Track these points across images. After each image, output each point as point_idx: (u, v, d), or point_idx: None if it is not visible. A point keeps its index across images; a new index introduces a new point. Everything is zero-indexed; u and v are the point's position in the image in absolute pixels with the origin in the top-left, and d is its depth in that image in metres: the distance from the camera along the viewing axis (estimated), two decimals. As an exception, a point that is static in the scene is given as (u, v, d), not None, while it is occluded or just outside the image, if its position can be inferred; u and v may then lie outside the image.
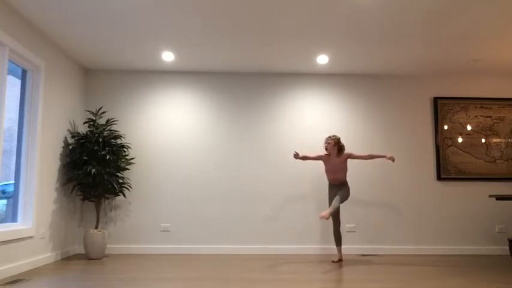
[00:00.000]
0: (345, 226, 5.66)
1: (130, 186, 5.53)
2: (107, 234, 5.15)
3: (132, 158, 5.58)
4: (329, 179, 5.03)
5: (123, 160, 5.32)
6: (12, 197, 4.30)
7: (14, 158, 4.32)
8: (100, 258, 5.02)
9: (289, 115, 5.84)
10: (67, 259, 4.98)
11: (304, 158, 4.95)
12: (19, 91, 4.43)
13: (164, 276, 3.93)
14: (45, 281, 3.70)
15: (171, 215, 5.61)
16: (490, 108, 5.91)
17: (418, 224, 5.70)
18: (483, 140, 5.85)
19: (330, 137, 4.97)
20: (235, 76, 5.90)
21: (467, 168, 5.79)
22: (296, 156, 4.80)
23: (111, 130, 5.38)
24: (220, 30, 4.49)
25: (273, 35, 4.62)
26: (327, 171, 5.02)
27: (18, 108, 4.40)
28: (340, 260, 4.91)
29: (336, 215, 4.96)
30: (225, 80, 5.88)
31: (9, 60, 4.02)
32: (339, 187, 4.95)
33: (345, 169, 4.95)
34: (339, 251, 4.97)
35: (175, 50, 5.09)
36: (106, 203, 5.56)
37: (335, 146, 4.94)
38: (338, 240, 4.97)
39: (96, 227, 5.16)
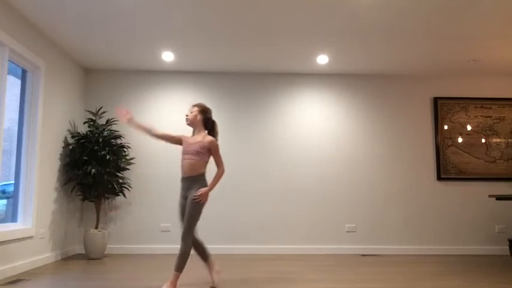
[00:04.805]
0: (345, 226, 5.66)
1: (130, 186, 5.53)
2: (107, 234, 5.15)
3: (132, 158, 5.58)
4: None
5: (123, 160, 5.32)
6: (12, 197, 4.30)
7: (14, 158, 4.31)
8: (100, 258, 5.01)
9: (289, 115, 5.83)
10: (67, 259, 4.98)
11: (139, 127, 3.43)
12: (19, 91, 4.43)
13: (164, 276, 3.93)
14: (45, 281, 3.70)
15: (171, 215, 5.60)
16: (490, 108, 5.91)
17: (418, 224, 5.70)
18: (483, 140, 5.85)
19: (195, 104, 3.52)
20: (235, 76, 5.89)
21: (467, 168, 5.78)
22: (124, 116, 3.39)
23: (111, 130, 5.38)
24: (220, 30, 4.49)
25: (273, 35, 4.62)
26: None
27: (18, 108, 4.40)
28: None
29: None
30: (225, 80, 5.88)
31: (9, 60, 4.02)
32: (186, 184, 3.36)
33: (203, 159, 3.35)
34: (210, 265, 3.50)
35: (175, 50, 5.09)
36: (106, 203, 5.56)
37: (202, 116, 3.45)
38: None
39: (96, 227, 5.16)
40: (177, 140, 3.50)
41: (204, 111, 3.47)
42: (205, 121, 3.47)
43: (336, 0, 3.83)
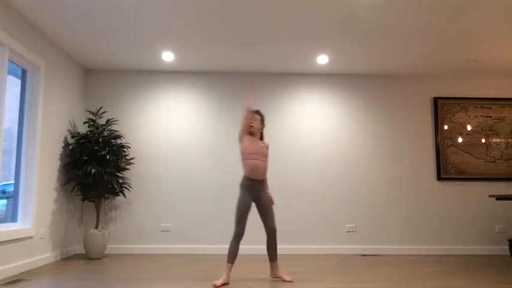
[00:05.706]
0: (345, 226, 5.66)
1: (130, 186, 5.53)
2: (107, 234, 5.15)
3: (132, 158, 5.58)
4: (249, 172, 3.59)
5: (123, 160, 5.32)
6: (12, 197, 4.30)
7: (14, 158, 4.31)
8: (100, 258, 5.01)
9: (289, 115, 5.83)
10: (67, 259, 4.98)
11: (249, 112, 3.68)
12: (19, 91, 4.43)
13: (164, 276, 3.93)
14: (45, 281, 3.70)
15: (171, 215, 5.61)
16: (490, 108, 5.91)
17: (418, 224, 5.70)
18: (483, 140, 5.85)
19: (256, 111, 3.80)
20: (235, 76, 5.89)
21: (467, 168, 5.79)
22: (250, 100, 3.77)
23: (111, 130, 5.38)
24: (220, 30, 4.49)
25: (273, 35, 4.62)
26: (246, 157, 3.60)
27: (18, 108, 4.40)
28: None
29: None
30: (225, 80, 5.88)
31: (9, 60, 4.02)
32: (260, 187, 3.65)
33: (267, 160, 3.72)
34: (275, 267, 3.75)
35: (175, 50, 5.09)
36: (106, 203, 5.56)
37: (262, 125, 3.83)
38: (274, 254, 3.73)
39: (96, 227, 5.16)
40: (245, 132, 3.72)
41: (263, 121, 3.85)
42: (262, 129, 3.86)
43: (336, 0, 3.83)
